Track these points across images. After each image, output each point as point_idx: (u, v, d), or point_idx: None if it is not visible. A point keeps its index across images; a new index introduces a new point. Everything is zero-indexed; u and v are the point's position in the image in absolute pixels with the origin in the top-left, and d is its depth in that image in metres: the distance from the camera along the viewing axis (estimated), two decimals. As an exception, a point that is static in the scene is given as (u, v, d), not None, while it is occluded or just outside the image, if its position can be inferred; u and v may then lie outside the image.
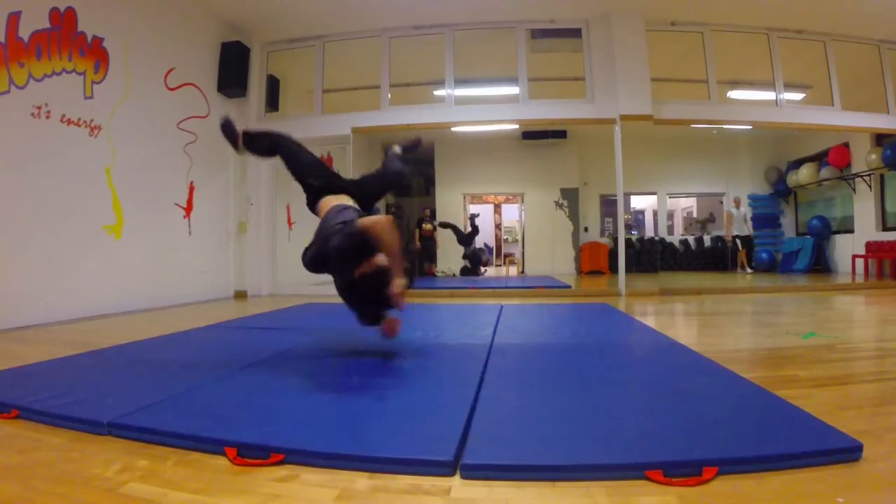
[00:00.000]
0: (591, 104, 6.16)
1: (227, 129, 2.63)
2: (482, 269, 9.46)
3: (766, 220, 10.25)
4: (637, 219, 13.82)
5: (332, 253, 1.97)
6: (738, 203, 9.49)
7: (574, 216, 10.45)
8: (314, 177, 2.46)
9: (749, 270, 9.26)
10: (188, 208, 5.58)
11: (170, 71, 5.29)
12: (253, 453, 1.23)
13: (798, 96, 6.94)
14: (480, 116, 6.42)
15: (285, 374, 2.06)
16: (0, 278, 3.53)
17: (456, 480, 1.12)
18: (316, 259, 2.09)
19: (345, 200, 2.39)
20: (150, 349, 2.60)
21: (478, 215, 10.37)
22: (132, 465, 1.22)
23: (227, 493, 1.08)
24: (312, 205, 2.46)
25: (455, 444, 1.22)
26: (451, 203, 10.57)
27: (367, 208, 2.50)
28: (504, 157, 10.40)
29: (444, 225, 9.59)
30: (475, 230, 9.82)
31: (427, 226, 9.48)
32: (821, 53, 6.50)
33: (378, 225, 1.96)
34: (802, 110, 6.64)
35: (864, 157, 7.93)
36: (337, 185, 2.48)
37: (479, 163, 10.47)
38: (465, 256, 9.53)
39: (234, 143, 2.63)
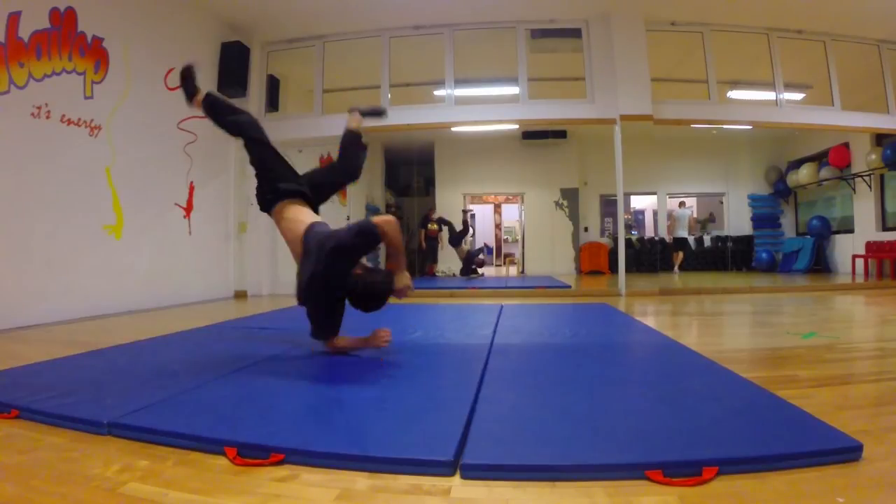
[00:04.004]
0: (591, 104, 6.16)
1: (187, 76, 2.59)
2: (479, 270, 9.22)
3: (766, 219, 10.26)
4: (637, 219, 13.83)
5: (343, 250, 2.04)
6: (682, 205, 9.64)
7: (574, 216, 10.45)
8: (286, 181, 2.45)
9: (677, 272, 9.44)
10: (188, 208, 5.57)
11: (170, 71, 5.28)
12: (253, 453, 1.23)
13: (798, 96, 6.94)
14: (480, 116, 6.42)
15: (285, 374, 2.06)
16: (0, 278, 3.53)
17: (456, 480, 1.12)
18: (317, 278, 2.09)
19: (305, 208, 2.41)
20: (150, 349, 2.60)
21: (472, 213, 10.04)
22: (132, 465, 1.22)
23: (227, 493, 1.08)
24: (270, 203, 2.42)
25: (455, 444, 1.22)
26: (451, 203, 10.57)
27: (317, 209, 2.53)
28: (504, 157, 10.40)
29: (441, 221, 9.43)
30: (465, 229, 9.42)
31: (432, 226, 9.45)
32: (821, 53, 6.50)
33: (390, 224, 2.07)
34: (802, 110, 6.64)
35: (864, 157, 7.93)
36: (302, 192, 2.46)
37: (479, 163, 10.48)
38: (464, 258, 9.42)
39: (190, 96, 2.61)
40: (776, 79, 6.38)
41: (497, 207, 15.24)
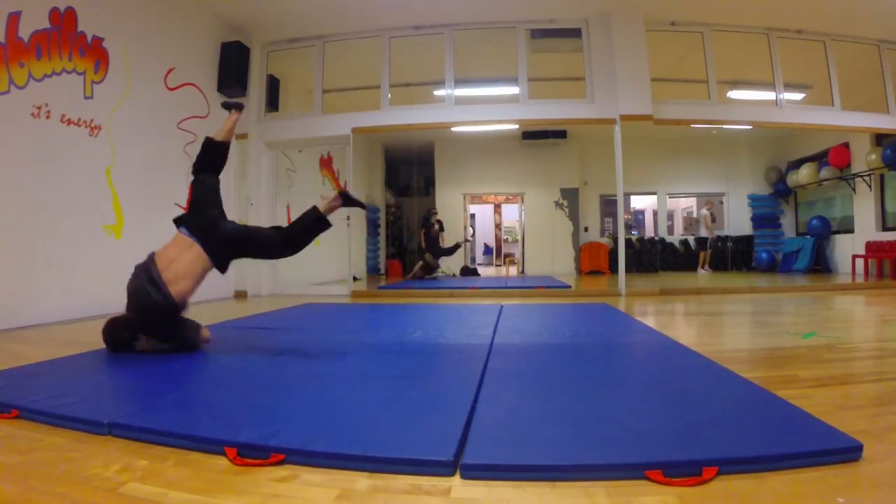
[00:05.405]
0: (591, 104, 6.16)
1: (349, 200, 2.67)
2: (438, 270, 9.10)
3: (766, 220, 10.27)
4: (637, 219, 13.84)
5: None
6: (710, 205, 9.74)
7: (574, 216, 10.45)
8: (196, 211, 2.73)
9: (707, 270, 9.56)
10: (188, 208, 5.57)
11: (170, 71, 5.29)
12: (253, 453, 1.23)
13: (798, 96, 6.94)
14: (480, 116, 6.42)
15: (285, 374, 2.06)
16: (0, 278, 3.53)
17: (456, 480, 1.12)
18: None
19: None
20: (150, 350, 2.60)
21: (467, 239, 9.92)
22: (132, 465, 1.22)
23: (227, 493, 1.08)
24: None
25: (455, 444, 1.22)
26: (451, 203, 10.57)
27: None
28: (504, 157, 10.41)
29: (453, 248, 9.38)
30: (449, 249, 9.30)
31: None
32: (821, 53, 6.50)
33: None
34: (802, 110, 6.64)
35: (864, 157, 7.93)
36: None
37: (479, 163, 10.48)
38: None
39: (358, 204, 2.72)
40: (776, 79, 6.38)
41: (497, 207, 15.25)
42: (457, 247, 9.31)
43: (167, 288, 2.30)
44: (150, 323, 2.37)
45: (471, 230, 12.16)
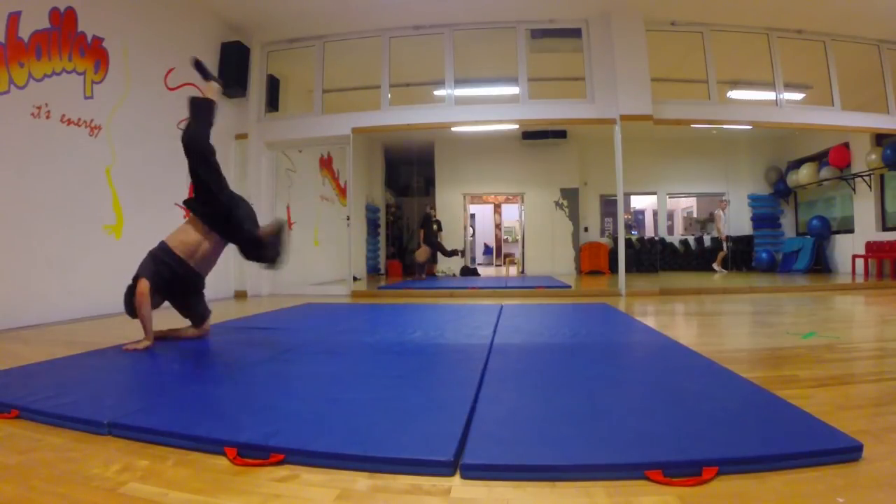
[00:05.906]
0: (591, 104, 6.16)
1: (201, 68, 2.92)
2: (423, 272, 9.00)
3: (766, 220, 10.27)
4: (637, 219, 13.84)
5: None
6: (724, 206, 9.72)
7: (574, 216, 10.46)
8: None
9: (723, 271, 9.48)
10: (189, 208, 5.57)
11: (170, 71, 5.28)
12: (253, 453, 1.23)
13: (798, 96, 6.94)
14: (480, 116, 6.42)
15: (285, 373, 2.06)
16: (0, 278, 3.53)
17: (456, 480, 1.12)
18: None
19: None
20: (149, 349, 2.60)
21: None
22: (132, 465, 1.22)
23: (227, 493, 1.08)
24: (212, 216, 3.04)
25: (455, 444, 1.22)
26: (451, 203, 10.58)
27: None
28: (504, 157, 10.42)
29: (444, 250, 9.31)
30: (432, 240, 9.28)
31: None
32: (821, 53, 6.50)
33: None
34: (802, 110, 6.64)
35: (864, 157, 7.93)
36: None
37: (479, 163, 10.49)
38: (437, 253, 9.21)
39: (206, 76, 2.94)
40: (776, 79, 6.39)
41: (497, 207, 15.25)
42: (454, 252, 9.29)
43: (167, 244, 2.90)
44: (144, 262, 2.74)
45: (471, 230, 12.15)
